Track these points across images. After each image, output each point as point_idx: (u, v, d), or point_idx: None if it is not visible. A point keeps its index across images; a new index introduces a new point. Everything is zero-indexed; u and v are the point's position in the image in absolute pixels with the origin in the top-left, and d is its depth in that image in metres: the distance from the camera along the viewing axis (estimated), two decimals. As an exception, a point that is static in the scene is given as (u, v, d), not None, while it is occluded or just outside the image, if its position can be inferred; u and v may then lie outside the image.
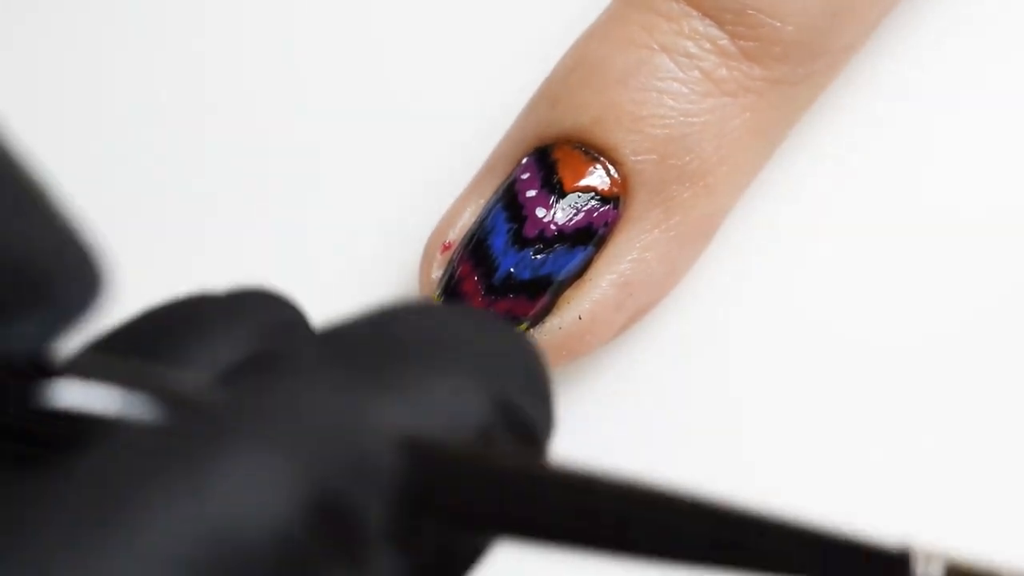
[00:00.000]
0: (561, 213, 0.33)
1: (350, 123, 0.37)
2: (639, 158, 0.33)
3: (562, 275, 0.33)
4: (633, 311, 0.34)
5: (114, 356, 0.21)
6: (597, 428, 0.35)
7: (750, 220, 0.36)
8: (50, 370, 0.20)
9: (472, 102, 0.37)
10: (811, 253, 0.36)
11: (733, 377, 0.35)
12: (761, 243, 0.36)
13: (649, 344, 0.35)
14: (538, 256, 0.33)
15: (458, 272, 0.33)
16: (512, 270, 0.33)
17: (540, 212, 0.33)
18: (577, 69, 0.34)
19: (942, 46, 0.36)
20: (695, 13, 0.33)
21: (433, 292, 0.34)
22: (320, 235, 0.36)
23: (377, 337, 0.21)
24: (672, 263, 0.34)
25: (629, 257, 0.33)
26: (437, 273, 0.34)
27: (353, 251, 0.36)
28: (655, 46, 0.33)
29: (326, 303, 0.36)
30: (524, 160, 0.34)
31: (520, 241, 0.33)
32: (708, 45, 0.33)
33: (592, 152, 0.33)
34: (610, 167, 0.33)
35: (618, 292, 0.33)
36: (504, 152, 0.34)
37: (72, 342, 0.20)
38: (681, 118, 0.33)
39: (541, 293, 0.33)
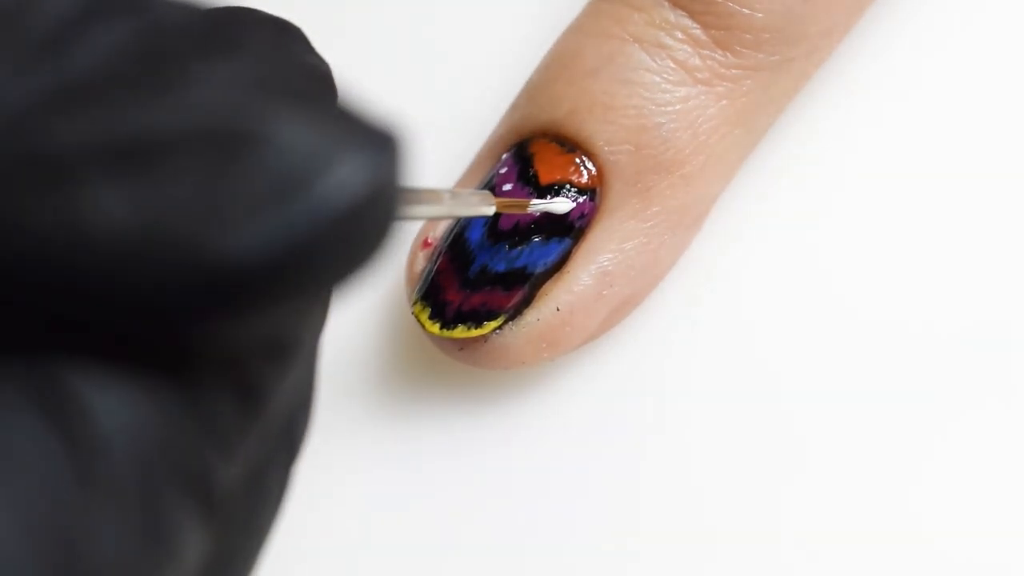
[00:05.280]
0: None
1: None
2: (613, 148, 0.33)
3: (539, 268, 0.33)
4: (617, 302, 0.34)
5: None
6: (589, 426, 0.35)
7: (741, 210, 0.36)
8: None
9: (468, 105, 0.37)
10: (803, 244, 0.35)
11: (725, 370, 0.35)
12: (753, 235, 0.36)
13: (637, 338, 0.35)
14: (514, 249, 0.33)
15: (437, 266, 0.34)
16: (487, 263, 0.33)
17: None
18: (552, 64, 0.34)
19: (933, 33, 0.36)
20: (666, 4, 0.33)
21: (415, 287, 0.34)
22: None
23: None
24: (653, 253, 0.34)
25: (608, 248, 0.33)
26: (420, 268, 0.34)
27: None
28: (627, 37, 0.33)
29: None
30: (504, 156, 0.34)
31: (495, 234, 0.33)
32: (680, 35, 0.33)
33: (568, 144, 0.33)
34: (585, 159, 0.33)
35: (597, 283, 0.33)
36: (487, 150, 0.35)
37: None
38: (654, 107, 0.33)
39: (517, 286, 0.33)
